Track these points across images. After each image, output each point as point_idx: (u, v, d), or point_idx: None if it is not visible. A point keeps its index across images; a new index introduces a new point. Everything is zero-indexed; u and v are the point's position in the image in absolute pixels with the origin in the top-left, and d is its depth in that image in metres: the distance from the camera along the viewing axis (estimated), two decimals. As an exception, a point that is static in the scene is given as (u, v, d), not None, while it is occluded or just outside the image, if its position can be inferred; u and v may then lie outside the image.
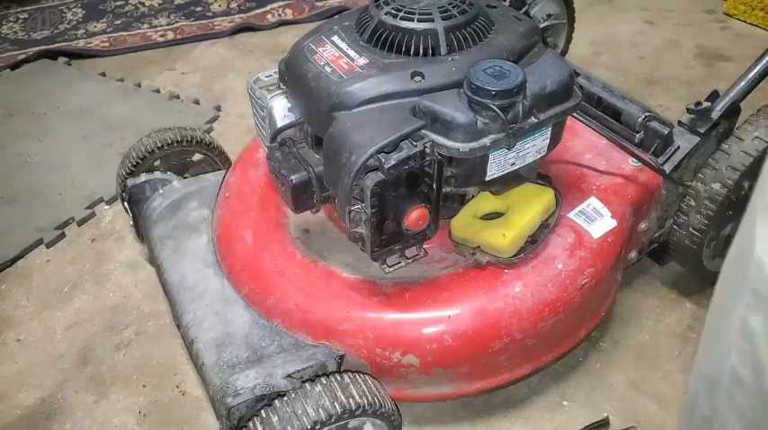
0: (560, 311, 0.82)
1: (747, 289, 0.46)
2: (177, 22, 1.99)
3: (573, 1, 1.37)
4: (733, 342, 0.47)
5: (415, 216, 0.71)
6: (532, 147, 0.77)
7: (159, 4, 2.08)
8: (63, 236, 1.27)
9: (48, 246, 1.25)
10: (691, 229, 0.95)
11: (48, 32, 1.96)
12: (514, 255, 0.80)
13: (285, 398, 0.73)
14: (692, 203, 0.94)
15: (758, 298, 0.45)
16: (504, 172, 0.77)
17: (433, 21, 0.75)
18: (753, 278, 0.45)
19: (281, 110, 0.83)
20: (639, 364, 0.99)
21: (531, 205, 0.82)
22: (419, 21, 0.75)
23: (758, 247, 0.45)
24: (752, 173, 0.92)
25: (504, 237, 0.78)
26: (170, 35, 1.93)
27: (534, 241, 0.83)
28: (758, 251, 0.45)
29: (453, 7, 0.77)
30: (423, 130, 0.71)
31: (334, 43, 0.79)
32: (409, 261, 0.82)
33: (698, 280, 1.08)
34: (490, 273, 0.81)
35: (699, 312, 1.06)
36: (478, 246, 0.80)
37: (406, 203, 0.71)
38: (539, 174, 0.89)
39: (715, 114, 0.93)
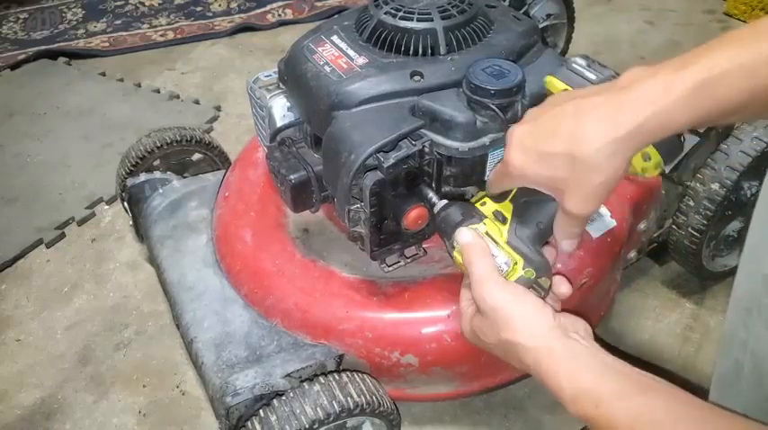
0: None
1: None
2: (177, 21, 1.99)
3: (573, 1, 1.37)
4: (764, 269, 0.48)
5: (414, 215, 0.71)
6: (532, 147, 0.77)
7: (159, 4, 2.08)
8: (63, 236, 1.27)
9: (48, 246, 1.25)
10: (690, 229, 0.95)
11: (48, 32, 1.96)
12: None
13: (283, 398, 0.73)
14: (691, 203, 0.94)
15: None
16: (504, 171, 0.77)
17: (432, 20, 0.75)
18: None
19: (281, 109, 0.83)
20: (639, 364, 0.99)
21: None
22: (418, 20, 0.75)
23: None
24: (750, 173, 0.92)
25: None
26: (170, 35, 1.93)
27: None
28: None
29: (452, 7, 0.77)
30: (422, 130, 0.71)
31: (333, 43, 0.79)
32: (408, 260, 0.82)
33: (698, 280, 1.08)
34: (489, 273, 0.81)
35: (699, 312, 1.06)
36: None
37: (405, 203, 0.71)
38: None
39: (714, 114, 0.93)
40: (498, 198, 0.67)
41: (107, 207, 1.33)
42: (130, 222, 1.10)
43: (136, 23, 1.99)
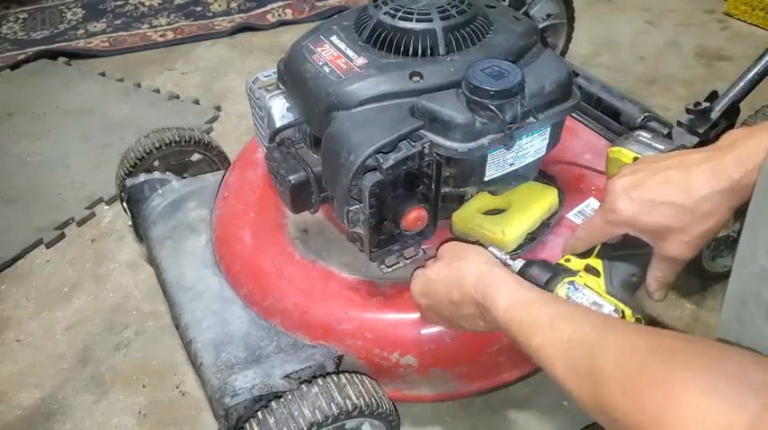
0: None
1: None
2: (177, 22, 1.99)
3: (572, 0, 1.37)
4: (760, 261, 0.49)
5: (414, 216, 0.71)
6: (531, 148, 0.77)
7: (159, 4, 2.08)
8: (63, 236, 1.27)
9: (48, 246, 1.25)
10: (690, 230, 0.95)
11: (48, 32, 1.96)
12: (513, 251, 0.80)
13: (282, 400, 0.73)
14: (691, 204, 0.94)
15: None
16: (503, 172, 0.77)
17: (431, 21, 0.75)
18: None
19: (280, 110, 0.83)
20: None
21: (533, 203, 0.83)
22: (417, 21, 0.75)
23: None
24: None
25: (503, 234, 0.78)
26: (170, 35, 1.93)
27: (533, 239, 0.83)
28: None
29: (452, 7, 0.76)
30: (421, 131, 0.71)
31: (332, 43, 0.79)
32: (407, 261, 0.81)
33: (697, 280, 1.08)
34: (489, 274, 0.81)
35: (699, 312, 1.06)
36: (477, 241, 0.80)
37: (405, 204, 0.71)
38: (544, 174, 0.89)
39: (714, 114, 0.93)
40: (582, 255, 0.70)
41: (107, 207, 1.33)
42: (130, 222, 1.10)
43: (136, 23, 1.99)
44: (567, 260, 0.70)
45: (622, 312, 0.64)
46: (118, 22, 2.01)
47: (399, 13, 0.76)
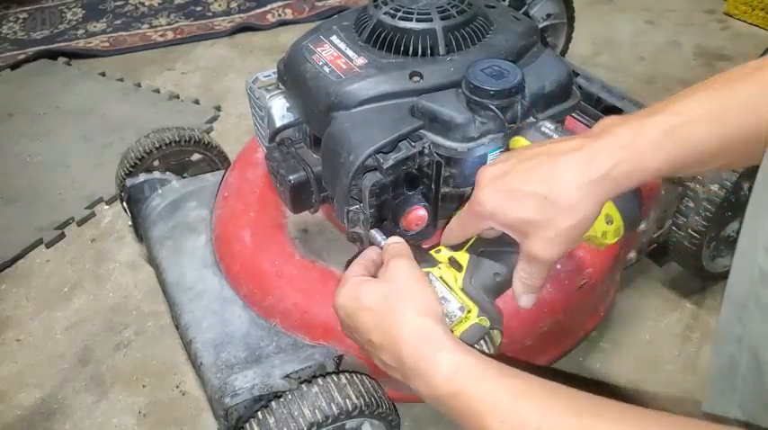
0: (559, 312, 0.81)
1: None
2: (177, 21, 1.99)
3: (572, 0, 1.37)
4: (759, 262, 0.48)
5: (414, 216, 0.71)
6: (531, 148, 0.77)
7: (159, 4, 2.08)
8: (63, 236, 1.27)
9: (48, 246, 1.25)
10: (690, 231, 0.95)
11: (48, 32, 1.97)
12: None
13: (282, 400, 0.73)
14: (691, 205, 0.94)
15: None
16: (503, 172, 0.77)
17: (431, 21, 0.75)
18: None
19: (280, 110, 0.83)
20: (639, 364, 0.99)
21: None
22: (417, 21, 0.75)
23: None
24: (750, 174, 0.92)
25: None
26: (170, 35, 1.93)
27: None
28: None
29: (452, 7, 0.77)
30: (421, 131, 0.71)
31: (332, 43, 0.79)
32: (408, 261, 0.81)
33: (698, 280, 1.08)
34: (489, 274, 0.81)
35: (699, 312, 1.06)
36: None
37: (405, 204, 0.71)
38: None
39: (714, 114, 0.93)
40: (454, 247, 0.66)
41: (107, 207, 1.33)
42: (130, 222, 1.10)
43: (136, 23, 1.99)
44: (438, 251, 0.66)
45: (468, 310, 0.59)
46: (118, 22, 2.01)
47: (399, 13, 0.76)
